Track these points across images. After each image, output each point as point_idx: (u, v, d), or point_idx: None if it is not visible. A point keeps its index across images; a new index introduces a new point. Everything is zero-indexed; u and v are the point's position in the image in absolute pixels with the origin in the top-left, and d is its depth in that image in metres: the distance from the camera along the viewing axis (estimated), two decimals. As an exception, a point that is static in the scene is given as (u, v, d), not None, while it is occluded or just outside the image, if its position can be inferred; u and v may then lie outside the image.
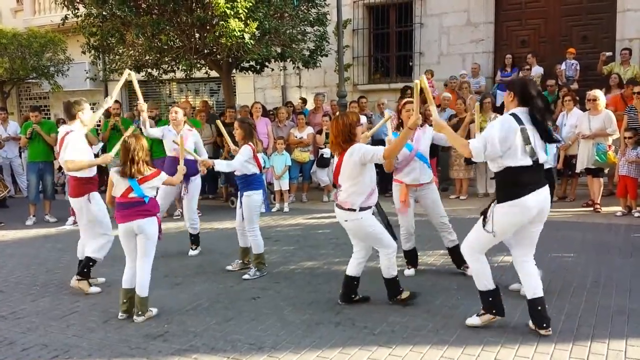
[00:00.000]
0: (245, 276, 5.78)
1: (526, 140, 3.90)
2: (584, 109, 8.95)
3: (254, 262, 5.90)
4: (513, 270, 5.64)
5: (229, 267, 6.14)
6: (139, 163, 4.69)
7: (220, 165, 5.73)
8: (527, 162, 3.93)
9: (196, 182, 6.96)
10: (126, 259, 4.87)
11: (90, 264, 5.59)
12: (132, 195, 4.72)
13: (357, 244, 4.93)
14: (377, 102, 11.19)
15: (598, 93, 8.60)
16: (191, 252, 6.87)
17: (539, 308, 4.10)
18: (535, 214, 4.02)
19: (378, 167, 4.88)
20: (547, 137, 4.00)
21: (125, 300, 4.79)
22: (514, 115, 3.97)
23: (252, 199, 5.84)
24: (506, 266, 5.85)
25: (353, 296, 4.93)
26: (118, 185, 4.76)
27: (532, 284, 4.16)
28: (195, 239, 6.93)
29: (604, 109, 8.51)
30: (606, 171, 8.83)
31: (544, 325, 4.08)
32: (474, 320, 4.33)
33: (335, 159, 4.74)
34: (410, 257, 5.79)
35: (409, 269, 5.78)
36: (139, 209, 4.73)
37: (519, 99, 4.01)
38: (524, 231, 4.15)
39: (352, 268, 4.91)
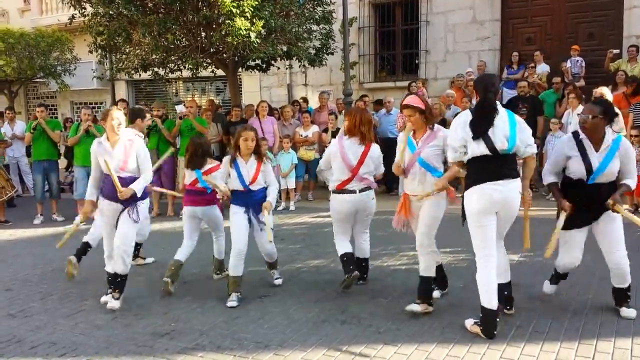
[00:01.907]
0: (277, 281, 5.56)
1: (474, 132, 4.08)
2: (590, 107, 8.91)
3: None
4: (517, 268, 5.66)
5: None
6: (203, 157, 5.54)
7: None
8: (483, 151, 4.07)
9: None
10: (184, 237, 5.67)
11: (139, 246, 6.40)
12: (198, 185, 5.54)
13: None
14: (384, 100, 11.17)
15: (604, 90, 8.55)
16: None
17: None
18: (500, 206, 4.12)
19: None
20: (477, 132, 4.10)
21: (173, 268, 5.41)
22: (471, 110, 4.32)
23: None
24: (512, 264, 5.84)
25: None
26: (188, 175, 5.62)
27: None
28: None
29: (610, 107, 8.46)
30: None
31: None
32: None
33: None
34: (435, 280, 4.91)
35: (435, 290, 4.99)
36: (202, 198, 5.58)
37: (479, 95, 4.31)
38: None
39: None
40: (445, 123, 10.11)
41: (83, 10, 10.23)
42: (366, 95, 11.81)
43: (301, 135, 10.46)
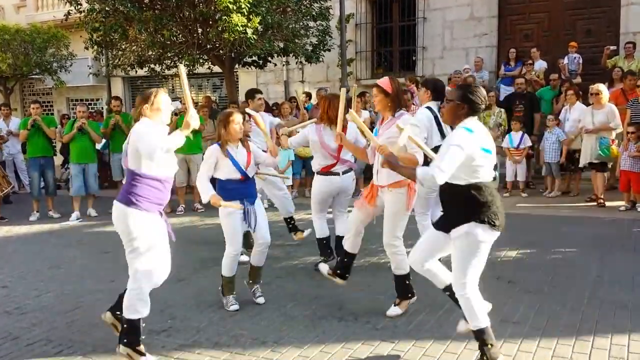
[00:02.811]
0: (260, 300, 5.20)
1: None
2: (587, 103, 8.92)
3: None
4: (515, 265, 5.66)
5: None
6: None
7: None
8: None
9: None
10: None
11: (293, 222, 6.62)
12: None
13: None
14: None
15: (601, 87, 8.58)
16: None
17: None
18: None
19: None
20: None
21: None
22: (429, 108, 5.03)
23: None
24: (509, 261, 5.86)
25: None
26: None
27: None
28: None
29: (607, 103, 8.48)
30: (609, 165, 8.81)
31: None
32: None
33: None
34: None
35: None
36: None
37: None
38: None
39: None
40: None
41: (79, 7, 10.20)
42: (366, 92, 11.78)
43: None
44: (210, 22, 9.47)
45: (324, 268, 4.91)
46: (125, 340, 3.83)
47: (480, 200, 3.41)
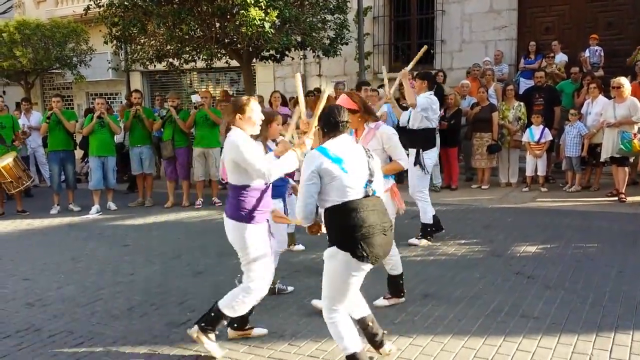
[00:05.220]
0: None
1: None
2: (609, 97, 8.79)
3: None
4: (534, 260, 5.61)
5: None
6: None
7: None
8: None
9: None
10: None
11: None
12: None
13: None
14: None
15: (623, 80, 8.44)
16: None
17: None
18: None
19: None
20: None
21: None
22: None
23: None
24: (529, 256, 5.81)
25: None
26: None
27: None
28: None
29: (629, 96, 8.34)
30: (631, 160, 8.67)
31: None
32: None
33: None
34: None
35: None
36: None
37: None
38: None
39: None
40: (460, 113, 10.06)
41: (98, 1, 10.26)
42: (382, 86, 11.71)
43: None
44: (228, 17, 9.47)
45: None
46: (203, 324, 3.86)
47: (344, 224, 3.21)
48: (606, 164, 8.86)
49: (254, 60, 11.64)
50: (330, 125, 3.39)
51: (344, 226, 3.21)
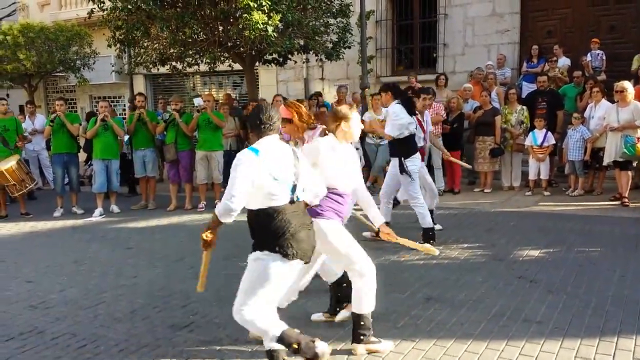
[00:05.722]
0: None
1: None
2: (612, 101, 8.78)
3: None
4: (537, 264, 5.61)
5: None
6: None
7: None
8: None
9: None
10: None
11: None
12: None
13: None
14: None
15: (626, 84, 8.43)
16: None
17: None
18: None
19: None
20: None
21: None
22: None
23: None
24: (531, 260, 5.80)
25: None
26: None
27: None
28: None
29: (632, 100, 8.34)
30: (634, 164, 8.66)
31: None
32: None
33: None
34: None
35: None
36: None
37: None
38: None
39: None
40: (462, 117, 10.06)
41: (102, 5, 10.30)
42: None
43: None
44: (231, 20, 9.50)
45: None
46: (361, 337, 3.87)
47: (271, 227, 3.31)
48: (609, 168, 8.85)
49: (257, 63, 11.67)
50: (255, 125, 3.44)
51: (271, 229, 3.32)
